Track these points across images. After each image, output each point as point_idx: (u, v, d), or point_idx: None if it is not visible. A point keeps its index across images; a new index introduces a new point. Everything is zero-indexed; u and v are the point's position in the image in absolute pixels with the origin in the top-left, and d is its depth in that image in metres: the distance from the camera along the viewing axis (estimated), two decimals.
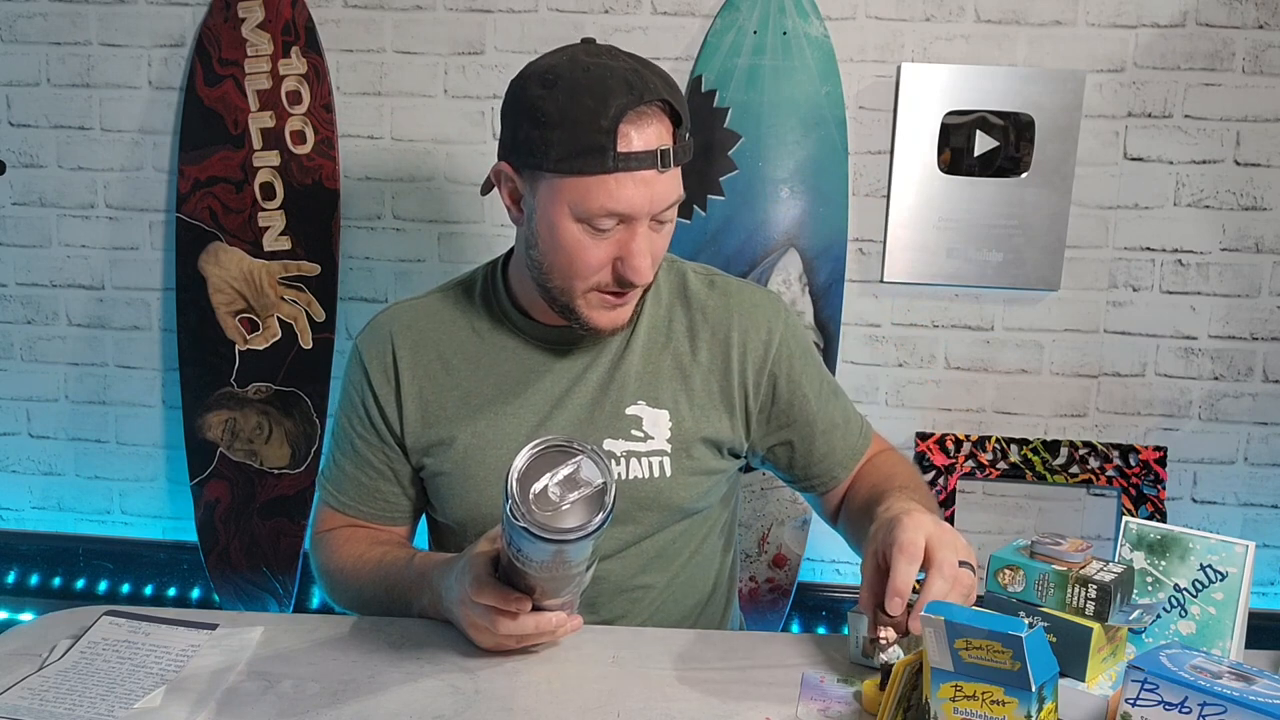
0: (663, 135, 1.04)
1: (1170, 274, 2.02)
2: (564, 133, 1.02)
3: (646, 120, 1.02)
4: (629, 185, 1.03)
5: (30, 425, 2.26)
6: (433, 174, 2.09)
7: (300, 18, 2.01)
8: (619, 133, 1.01)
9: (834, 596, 2.13)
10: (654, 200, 1.04)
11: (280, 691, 0.96)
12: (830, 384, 1.26)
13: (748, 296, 1.23)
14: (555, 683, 0.99)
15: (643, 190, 1.03)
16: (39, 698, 0.93)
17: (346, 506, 1.23)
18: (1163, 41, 1.96)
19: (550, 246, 1.08)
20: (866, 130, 2.02)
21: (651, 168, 1.03)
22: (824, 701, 0.97)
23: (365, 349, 1.22)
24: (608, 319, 1.12)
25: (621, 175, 1.02)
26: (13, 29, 2.11)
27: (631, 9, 2.01)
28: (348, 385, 1.24)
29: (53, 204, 2.17)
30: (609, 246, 1.06)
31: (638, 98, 1.01)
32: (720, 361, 1.19)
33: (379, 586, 1.14)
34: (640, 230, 1.06)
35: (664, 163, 1.03)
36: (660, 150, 1.03)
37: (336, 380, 2.11)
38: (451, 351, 1.20)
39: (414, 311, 1.23)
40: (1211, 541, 0.97)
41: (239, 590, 2.15)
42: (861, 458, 1.27)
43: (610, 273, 1.08)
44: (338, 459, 1.24)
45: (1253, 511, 2.08)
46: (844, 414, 1.26)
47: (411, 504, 1.24)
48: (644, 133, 1.02)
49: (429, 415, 1.18)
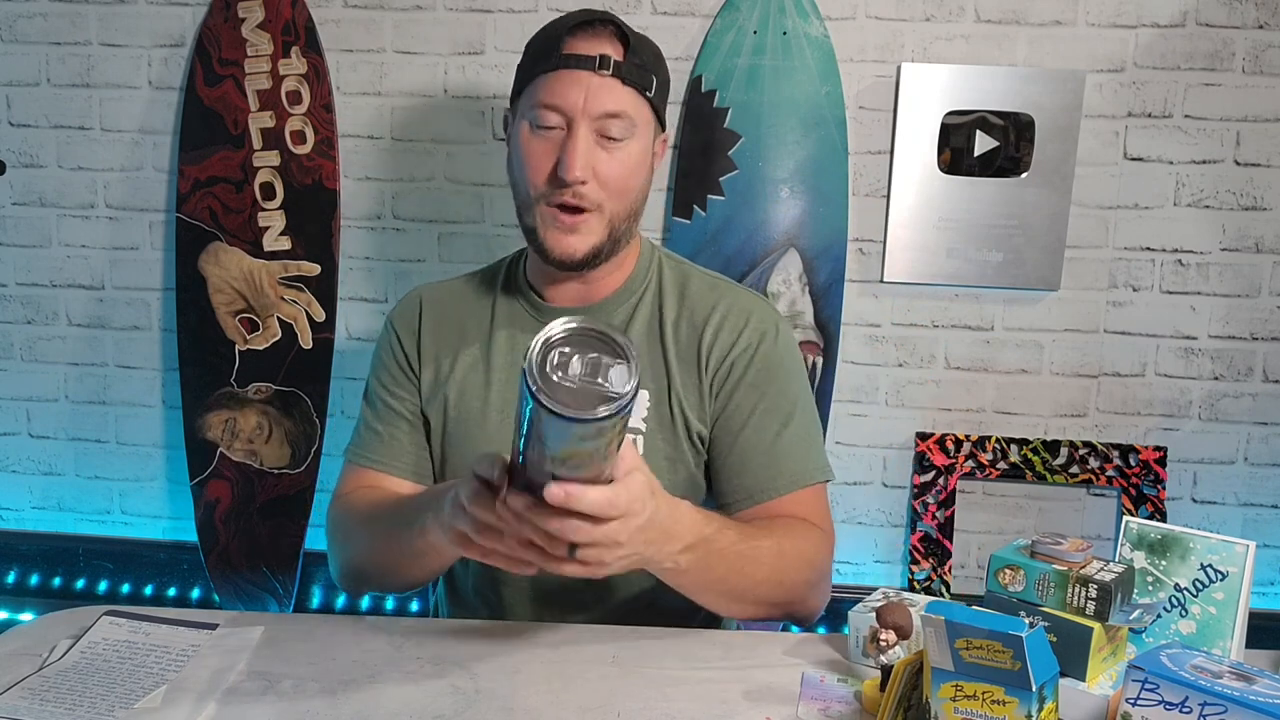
0: (608, 48, 1.13)
1: (1170, 274, 2.02)
2: (530, 50, 1.18)
3: (595, 33, 1.14)
4: (566, 80, 1.12)
5: (30, 425, 2.26)
6: (433, 174, 2.09)
7: (300, 18, 2.01)
8: (564, 40, 1.13)
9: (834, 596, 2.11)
10: (589, 100, 1.12)
11: (280, 691, 0.96)
12: (785, 416, 1.18)
13: (743, 299, 1.25)
14: (555, 682, 0.99)
15: (577, 88, 1.12)
16: (39, 698, 0.93)
17: (375, 462, 1.25)
18: (1163, 41, 1.96)
19: (512, 157, 1.18)
20: (866, 130, 2.02)
21: (589, 69, 1.12)
22: (824, 701, 0.97)
23: (395, 317, 1.31)
24: (560, 243, 1.16)
25: (562, 73, 1.12)
26: (13, 29, 2.11)
27: (631, 9, 2.01)
28: (378, 351, 1.31)
29: (53, 204, 2.17)
30: (551, 148, 1.13)
31: (589, 16, 1.14)
32: (694, 344, 1.21)
33: (393, 518, 1.13)
34: (579, 132, 1.12)
35: (603, 65, 1.12)
36: (601, 55, 1.12)
37: (336, 380, 2.11)
38: (469, 324, 1.27)
39: (442, 289, 1.32)
40: (1212, 541, 0.97)
41: (239, 590, 2.15)
42: (766, 500, 1.16)
43: (551, 176, 1.14)
44: (368, 421, 1.28)
45: (1253, 511, 2.08)
46: (778, 452, 1.17)
47: (430, 463, 1.28)
48: (589, 41, 1.13)
49: (439, 374, 1.25)
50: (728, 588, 1.05)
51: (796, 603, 1.13)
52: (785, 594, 1.10)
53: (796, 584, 1.10)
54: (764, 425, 1.18)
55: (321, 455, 2.10)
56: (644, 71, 1.16)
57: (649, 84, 1.16)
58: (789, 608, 1.13)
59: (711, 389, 1.21)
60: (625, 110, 1.14)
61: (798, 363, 1.24)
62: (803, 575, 1.11)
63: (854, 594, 2.10)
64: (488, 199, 2.08)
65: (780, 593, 1.09)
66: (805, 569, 1.11)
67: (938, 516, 2.07)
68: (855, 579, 2.15)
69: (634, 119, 1.14)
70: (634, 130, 1.15)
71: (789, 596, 1.11)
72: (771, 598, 1.09)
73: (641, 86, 1.15)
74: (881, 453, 2.11)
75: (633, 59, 1.14)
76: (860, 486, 2.12)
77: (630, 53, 1.14)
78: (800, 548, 1.11)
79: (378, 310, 2.14)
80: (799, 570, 1.10)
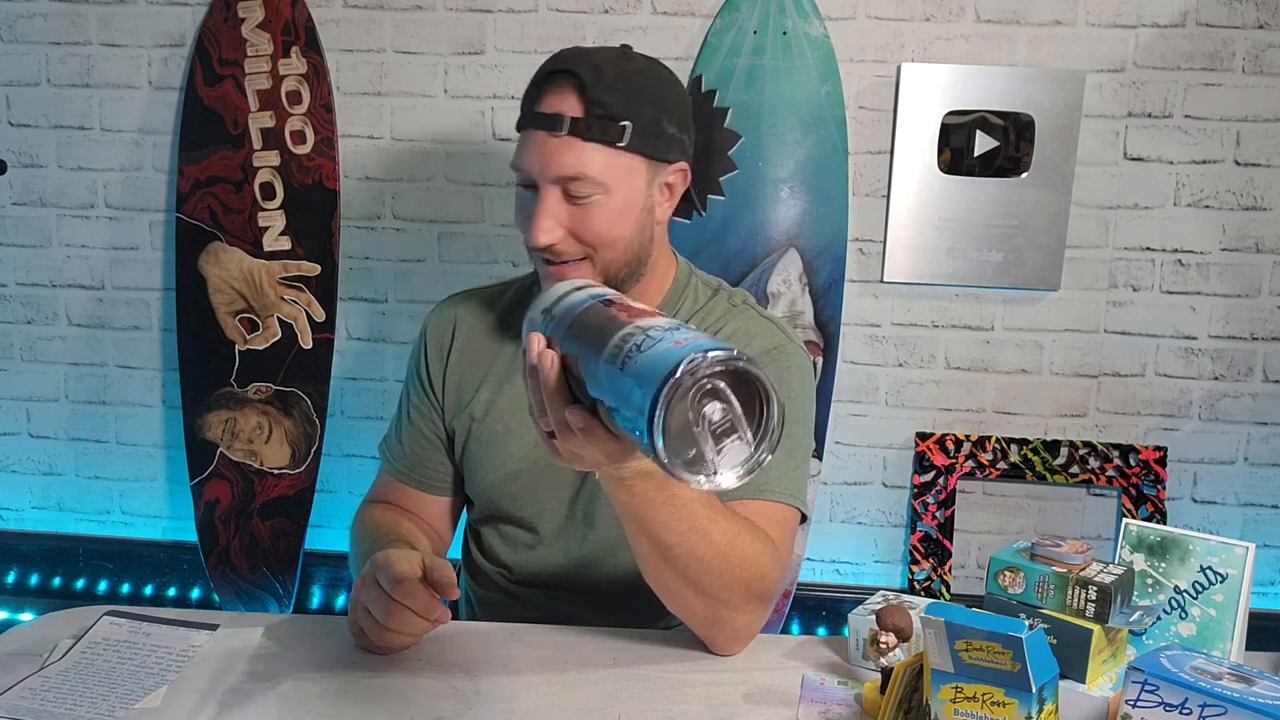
0: (567, 102, 1.07)
1: (1170, 274, 2.02)
2: (523, 99, 1.14)
3: (555, 87, 1.08)
4: (528, 142, 1.09)
5: (30, 425, 2.26)
6: (433, 174, 2.09)
7: (300, 18, 2.01)
8: (537, 95, 1.09)
9: (834, 596, 2.13)
10: (544, 164, 1.07)
11: (280, 691, 0.96)
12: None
13: (755, 322, 1.20)
14: (556, 684, 0.99)
15: (535, 151, 1.08)
16: (39, 698, 0.93)
17: (398, 473, 1.29)
18: (1163, 41, 1.96)
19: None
20: (866, 130, 2.02)
21: (544, 129, 1.07)
22: (825, 704, 0.97)
23: (430, 326, 1.30)
24: None
25: (528, 133, 1.10)
26: (13, 29, 2.11)
27: (631, 9, 2.01)
28: (414, 354, 1.31)
29: (53, 204, 2.17)
30: (531, 206, 1.10)
31: (554, 64, 1.09)
32: None
33: (365, 542, 1.18)
34: (543, 195, 1.08)
35: (556, 126, 1.06)
36: (557, 114, 1.07)
37: (336, 380, 2.11)
38: (498, 346, 1.26)
39: (476, 306, 1.30)
40: (1211, 543, 0.97)
41: (239, 590, 2.15)
42: (726, 500, 1.05)
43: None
44: (398, 426, 1.31)
45: (1253, 511, 2.08)
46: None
47: (453, 475, 1.29)
48: (550, 97, 1.08)
49: (463, 394, 1.25)
50: (666, 544, 0.95)
51: (727, 607, 1.02)
52: (720, 588, 0.99)
53: (734, 584, 1.00)
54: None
55: (321, 455, 2.10)
56: (608, 123, 1.06)
57: (617, 134, 1.07)
58: (717, 608, 1.02)
59: None
60: (584, 172, 1.07)
61: (803, 391, 1.18)
62: (744, 579, 1.00)
63: (854, 594, 2.11)
64: (487, 199, 2.08)
65: (717, 583, 0.99)
66: (751, 573, 1.01)
67: (938, 516, 2.07)
68: (855, 579, 2.15)
69: (598, 178, 1.07)
70: (602, 187, 1.08)
71: (723, 593, 1.00)
72: (705, 584, 0.99)
73: (608, 140, 1.07)
74: (881, 453, 2.11)
75: (594, 111, 1.06)
76: (860, 486, 2.13)
77: (591, 105, 1.06)
78: (755, 552, 1.01)
79: (378, 310, 2.14)
80: (744, 570, 1.00)
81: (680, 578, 0.98)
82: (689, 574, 0.98)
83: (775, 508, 1.09)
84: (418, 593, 0.99)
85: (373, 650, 1.03)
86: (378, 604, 0.99)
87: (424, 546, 1.14)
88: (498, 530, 1.27)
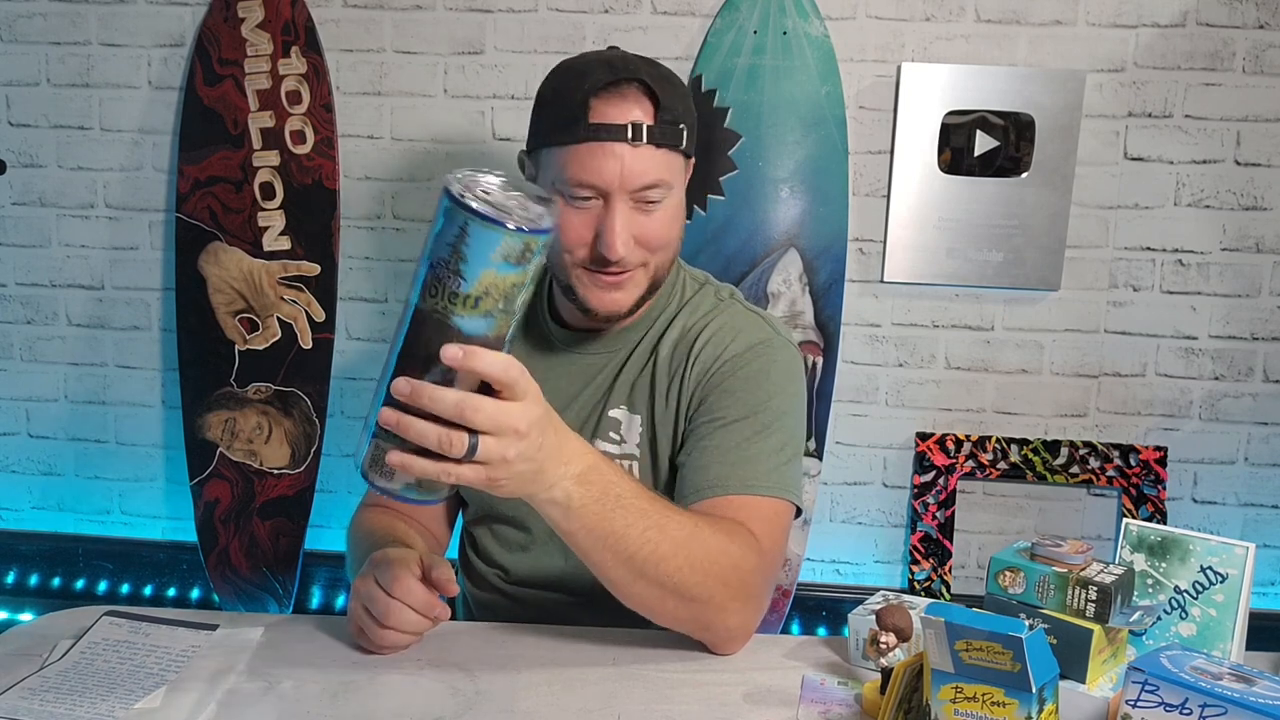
0: (638, 112, 1.06)
1: (1170, 274, 2.02)
2: (551, 109, 1.10)
3: (622, 96, 1.06)
4: (599, 155, 1.05)
5: (30, 425, 2.25)
6: (433, 174, 2.09)
7: (300, 17, 2.01)
8: (590, 105, 1.05)
9: (834, 597, 2.13)
10: (625, 174, 1.06)
11: (280, 692, 0.96)
12: (762, 426, 1.10)
13: (741, 317, 1.19)
14: (555, 684, 0.99)
15: (612, 162, 1.05)
16: (39, 698, 0.93)
17: None
18: (1163, 41, 1.96)
19: None
20: (866, 130, 2.01)
21: (621, 140, 1.05)
22: (825, 704, 0.97)
23: None
24: (602, 300, 1.13)
25: (592, 145, 1.05)
26: (13, 29, 2.11)
27: (631, 9, 2.00)
28: None
29: (52, 204, 2.17)
30: (589, 220, 1.09)
31: (614, 74, 1.06)
32: (683, 359, 1.17)
33: (362, 545, 1.18)
34: (617, 207, 1.07)
35: (635, 136, 1.05)
36: (632, 124, 1.05)
37: (336, 380, 2.11)
38: None
39: None
40: (1212, 543, 0.97)
41: (239, 590, 2.15)
42: (713, 495, 1.07)
43: (591, 249, 1.10)
44: None
45: (1253, 512, 2.08)
46: (743, 456, 1.09)
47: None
48: (617, 107, 1.06)
49: None
50: (628, 552, 0.93)
51: (712, 608, 0.99)
52: (698, 587, 0.97)
53: (711, 581, 0.97)
54: (737, 430, 1.10)
55: (321, 455, 2.10)
56: (676, 127, 1.08)
57: (682, 137, 1.09)
58: (703, 611, 1.00)
59: (691, 402, 1.15)
60: (663, 178, 1.08)
61: (791, 384, 1.16)
62: (721, 574, 0.98)
63: (854, 594, 2.11)
64: None
65: (692, 582, 0.96)
66: (726, 568, 0.98)
67: (938, 516, 2.07)
68: (855, 579, 2.15)
69: (671, 180, 1.09)
70: (671, 189, 1.10)
71: (703, 593, 0.97)
72: (681, 585, 0.96)
73: (676, 144, 1.09)
74: (882, 453, 2.11)
75: (664, 117, 1.07)
76: (860, 486, 2.12)
77: (661, 111, 1.07)
78: (724, 545, 0.98)
79: (377, 310, 2.14)
80: (716, 564, 0.97)
81: (655, 585, 0.96)
82: (661, 578, 0.95)
83: (764, 502, 1.07)
84: (416, 590, 1.00)
85: (372, 650, 1.03)
86: (377, 603, 1.00)
87: (420, 548, 1.14)
88: (491, 530, 1.27)
